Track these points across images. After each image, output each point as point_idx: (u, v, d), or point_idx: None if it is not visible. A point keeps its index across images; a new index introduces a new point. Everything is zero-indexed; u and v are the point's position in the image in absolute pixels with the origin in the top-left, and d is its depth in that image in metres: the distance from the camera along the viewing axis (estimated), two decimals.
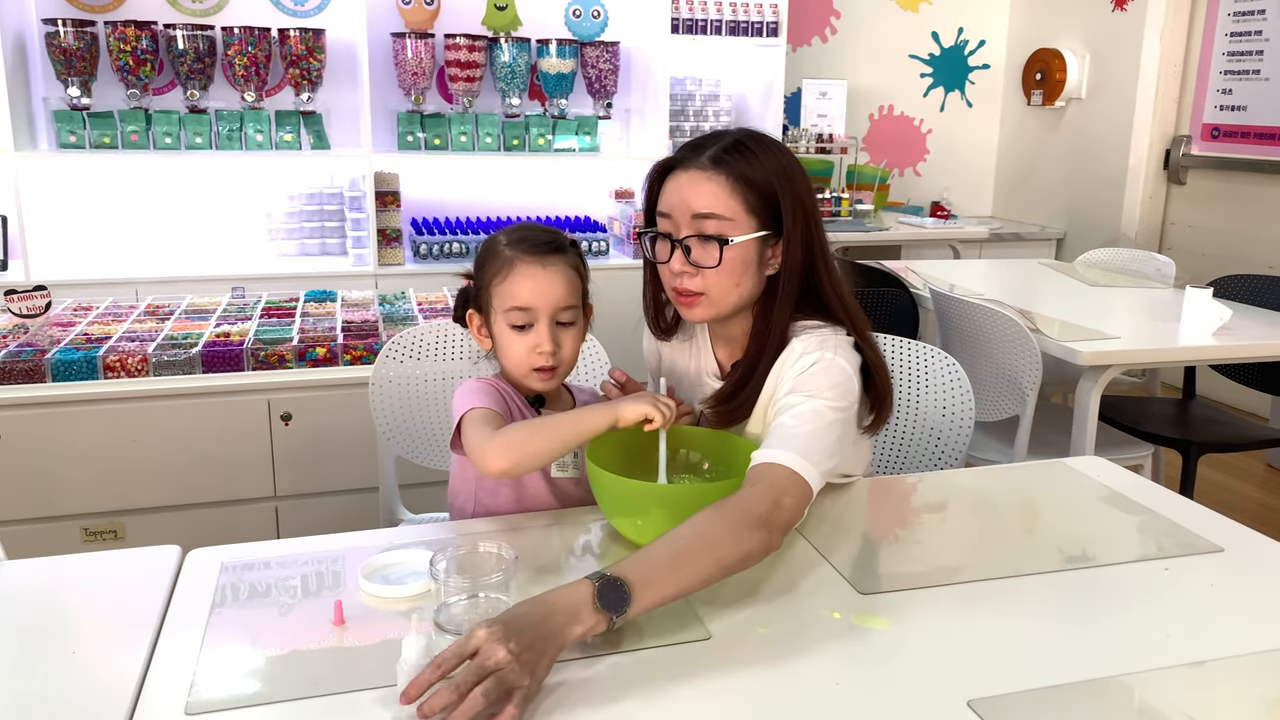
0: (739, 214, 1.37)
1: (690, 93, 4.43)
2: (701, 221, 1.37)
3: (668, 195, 1.41)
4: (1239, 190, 4.38)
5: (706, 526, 1.15)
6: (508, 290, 1.39)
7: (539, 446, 1.29)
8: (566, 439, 1.30)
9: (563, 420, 1.31)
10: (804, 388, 1.34)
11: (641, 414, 1.29)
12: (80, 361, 2.21)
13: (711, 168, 1.37)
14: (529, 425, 1.34)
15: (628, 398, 1.33)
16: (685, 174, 1.39)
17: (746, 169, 1.37)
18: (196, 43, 3.72)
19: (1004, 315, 2.35)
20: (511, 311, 1.39)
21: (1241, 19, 4.31)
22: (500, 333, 1.42)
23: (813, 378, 1.34)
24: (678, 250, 1.39)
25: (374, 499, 2.02)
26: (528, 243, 1.41)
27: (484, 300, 1.43)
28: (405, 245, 4.09)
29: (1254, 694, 1.00)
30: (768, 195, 1.37)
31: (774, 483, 1.23)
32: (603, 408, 1.32)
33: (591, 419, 1.30)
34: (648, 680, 1.01)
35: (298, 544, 1.31)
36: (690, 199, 1.37)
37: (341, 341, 2.37)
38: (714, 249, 1.36)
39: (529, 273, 1.39)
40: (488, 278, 1.42)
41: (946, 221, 4.98)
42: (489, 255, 1.44)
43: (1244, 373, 2.90)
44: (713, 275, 1.38)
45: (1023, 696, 0.98)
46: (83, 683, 0.99)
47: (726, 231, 1.36)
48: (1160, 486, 1.56)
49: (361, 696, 0.97)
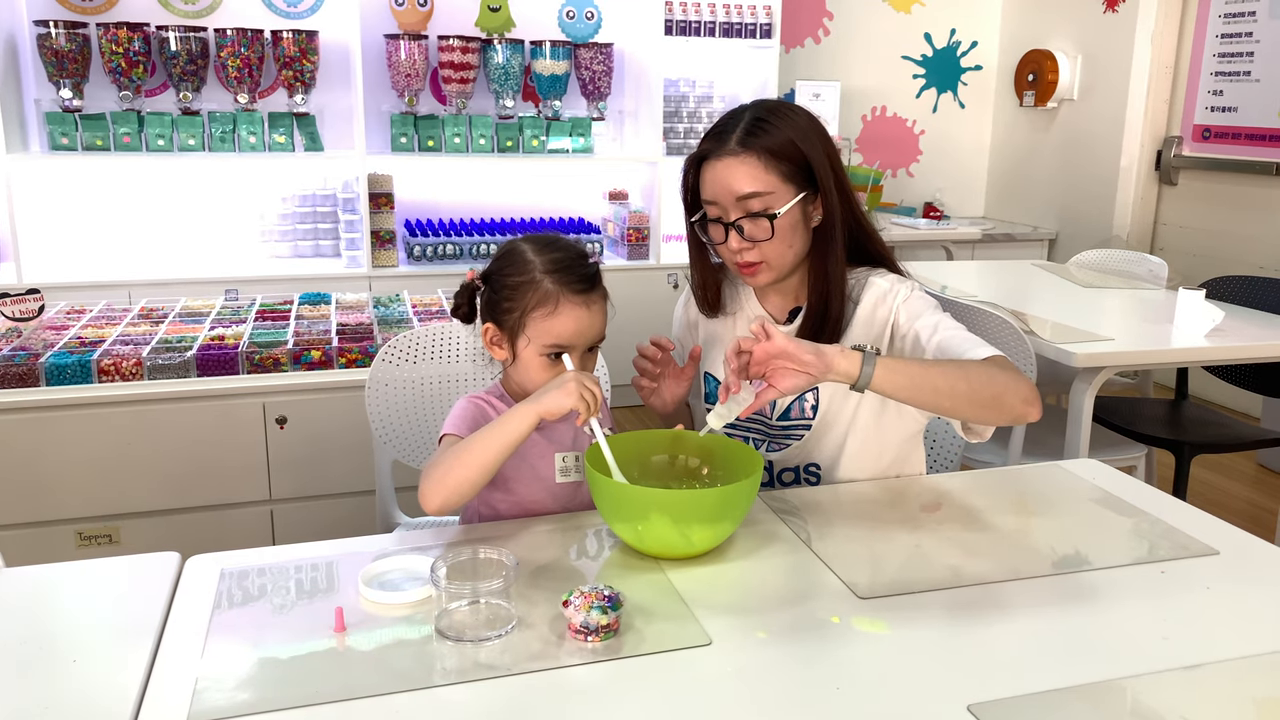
0: (777, 185, 1.46)
1: (684, 94, 4.44)
2: (747, 202, 1.46)
3: (708, 184, 1.49)
4: (1230, 191, 4.41)
5: (965, 363, 1.39)
6: (550, 328, 1.39)
7: (461, 476, 1.28)
8: (490, 457, 1.28)
9: (483, 438, 1.29)
10: (923, 314, 1.50)
11: (563, 406, 1.28)
12: (74, 365, 2.20)
13: (742, 151, 1.45)
14: (451, 455, 1.30)
15: (549, 389, 1.30)
16: (719, 162, 1.47)
17: (772, 143, 1.45)
18: (189, 44, 3.71)
19: (997, 317, 2.36)
20: (550, 346, 1.40)
21: (1232, 20, 4.33)
22: (528, 358, 1.42)
23: (921, 305, 1.51)
24: (731, 231, 1.47)
25: (370, 502, 2.02)
26: (569, 274, 1.39)
27: (514, 323, 1.41)
28: (399, 247, 4.09)
29: (1250, 696, 1.01)
30: (797, 160, 1.46)
31: (1006, 365, 1.40)
32: (523, 407, 1.29)
33: (514, 425, 1.29)
34: (649, 686, 1.01)
35: (297, 550, 1.31)
36: (731, 183, 1.46)
37: (336, 345, 2.37)
38: (764, 223, 1.46)
39: (574, 314, 1.39)
40: (524, 305, 1.39)
41: (939, 222, 4.99)
42: (525, 282, 1.40)
43: (1236, 374, 2.91)
44: (767, 244, 1.47)
45: (1022, 700, 0.98)
46: (84, 692, 0.99)
47: (771, 205, 1.46)
48: (1155, 489, 1.56)
49: (363, 704, 0.97)
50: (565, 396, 1.29)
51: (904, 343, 1.52)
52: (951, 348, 1.45)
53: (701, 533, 1.25)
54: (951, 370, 1.36)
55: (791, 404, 1.57)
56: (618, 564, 1.27)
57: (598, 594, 1.08)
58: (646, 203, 4.43)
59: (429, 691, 0.99)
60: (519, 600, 1.14)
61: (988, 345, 1.43)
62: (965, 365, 1.38)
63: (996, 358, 1.40)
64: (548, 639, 1.08)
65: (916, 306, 1.51)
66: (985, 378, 1.36)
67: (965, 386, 1.34)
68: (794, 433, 1.58)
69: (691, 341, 1.70)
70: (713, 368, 1.65)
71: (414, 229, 4.17)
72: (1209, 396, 4.21)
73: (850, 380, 1.32)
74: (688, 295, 1.71)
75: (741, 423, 1.61)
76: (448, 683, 1.00)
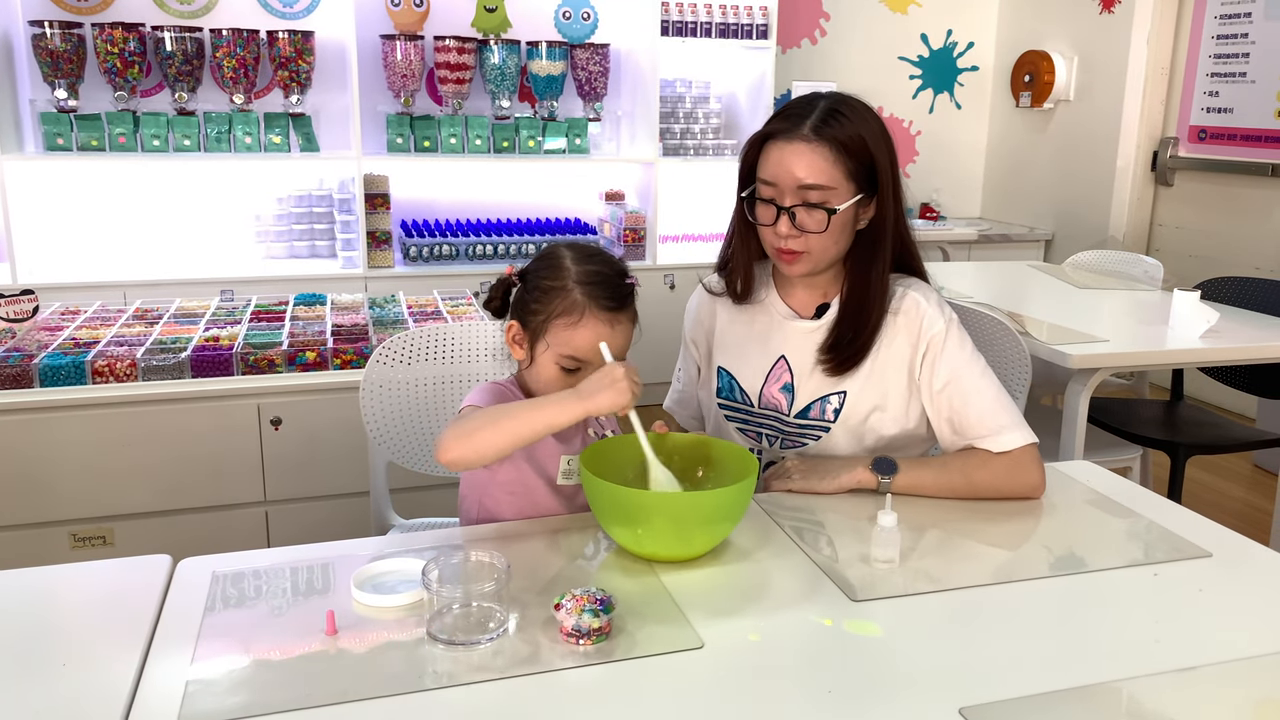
0: (840, 182, 1.45)
1: (680, 95, 4.44)
2: (807, 191, 1.44)
3: (770, 164, 1.47)
4: (1225, 192, 4.41)
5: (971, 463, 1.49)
6: (571, 338, 1.37)
7: (488, 438, 1.25)
8: (523, 432, 1.26)
9: (522, 411, 1.27)
10: (958, 372, 1.51)
11: (616, 405, 1.25)
12: (68, 366, 2.20)
13: (815, 138, 1.44)
14: (484, 416, 1.28)
15: (599, 387, 1.26)
16: (788, 144, 1.45)
17: (845, 138, 1.44)
18: (184, 45, 3.71)
19: (993, 319, 2.35)
20: (568, 358, 1.38)
21: (1228, 22, 4.33)
22: (544, 363, 1.40)
23: (956, 359, 1.51)
24: (783, 215, 1.46)
25: (365, 504, 2.01)
26: (601, 289, 1.37)
27: (537, 325, 1.39)
28: (395, 248, 4.08)
29: (1242, 699, 1.01)
30: (864, 159, 1.46)
31: (1020, 460, 1.48)
32: (570, 398, 1.26)
33: (558, 411, 1.25)
34: (640, 689, 1.01)
35: (289, 553, 1.31)
36: (795, 169, 1.44)
37: (331, 346, 2.36)
38: (820, 216, 1.45)
39: (597, 330, 1.36)
40: (550, 311, 1.38)
41: (936, 223, 5.00)
42: (556, 288, 1.38)
43: (1231, 375, 2.92)
44: (815, 237, 1.46)
45: (1014, 703, 0.98)
46: (74, 695, 0.99)
47: (831, 201, 1.44)
48: (1149, 491, 1.56)
49: (355, 707, 0.97)
50: (619, 396, 1.25)
51: (932, 399, 1.53)
52: (970, 428, 1.51)
53: (701, 535, 1.25)
54: (957, 479, 1.49)
55: (812, 404, 1.56)
56: (610, 566, 1.27)
57: (590, 597, 1.08)
58: (643, 203, 4.43)
59: (420, 695, 0.99)
60: (511, 603, 1.14)
61: (1016, 425, 1.50)
62: (969, 470, 1.49)
63: (1012, 454, 1.48)
64: (539, 642, 1.08)
65: (952, 360, 1.51)
66: (988, 481, 1.48)
67: (966, 488, 1.49)
68: (811, 433, 1.57)
69: (704, 335, 1.68)
70: (726, 362, 1.64)
71: (410, 230, 4.16)
72: (1204, 397, 4.21)
73: (871, 485, 1.48)
74: (701, 292, 1.69)
75: (756, 417, 1.61)
76: (439, 686, 1.00)
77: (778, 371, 1.58)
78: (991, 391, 1.51)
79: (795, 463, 1.52)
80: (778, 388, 1.59)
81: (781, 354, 1.58)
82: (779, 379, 1.58)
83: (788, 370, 1.58)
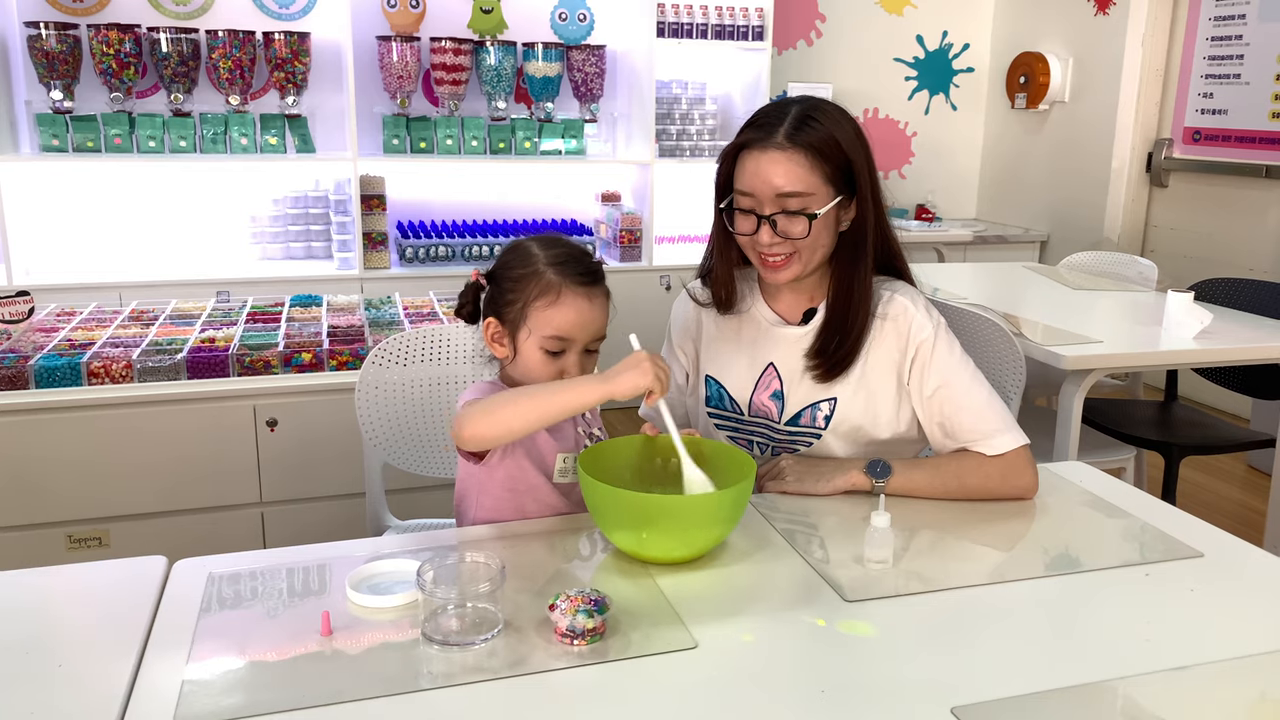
0: (818, 187, 1.44)
1: (676, 96, 4.44)
2: (786, 199, 1.44)
3: (747, 175, 1.46)
4: (1220, 193, 4.42)
5: (964, 465, 1.49)
6: (552, 318, 1.37)
7: (507, 417, 1.27)
8: (543, 412, 1.27)
9: (544, 393, 1.28)
10: (948, 377, 1.51)
11: (638, 387, 1.25)
12: (64, 368, 2.20)
13: (790, 145, 1.43)
14: (505, 396, 1.30)
15: (622, 369, 1.27)
16: (764, 154, 1.44)
17: (820, 142, 1.44)
18: (180, 46, 3.71)
19: (988, 320, 2.36)
20: (551, 339, 1.38)
21: (1222, 23, 4.35)
22: (528, 351, 1.40)
23: (945, 364, 1.51)
24: (764, 224, 1.45)
25: (360, 505, 2.01)
26: (572, 267, 1.38)
27: (513, 314, 1.40)
28: (391, 249, 4.09)
29: (1234, 698, 1.01)
30: (840, 163, 1.45)
31: (1013, 463, 1.49)
32: (594, 381, 1.27)
33: (580, 392, 1.27)
34: (634, 689, 1.01)
35: (284, 554, 1.31)
36: (772, 178, 1.43)
37: (327, 347, 2.37)
38: (801, 222, 1.45)
39: (576, 305, 1.37)
40: (527, 295, 1.38)
41: (931, 224, 5.01)
42: (528, 273, 1.39)
43: (1225, 375, 2.92)
44: (799, 242, 1.46)
45: (1006, 703, 0.99)
46: (69, 697, 0.99)
47: (810, 206, 1.44)
48: (1142, 492, 1.57)
49: (349, 708, 0.97)
50: (641, 376, 1.25)
51: (923, 404, 1.54)
52: (962, 433, 1.51)
53: (702, 536, 1.25)
54: (950, 481, 1.49)
55: (803, 411, 1.56)
56: (605, 567, 1.27)
57: (584, 597, 1.08)
58: (639, 204, 4.44)
59: (415, 695, 0.99)
60: (505, 604, 1.14)
61: (1008, 427, 1.50)
62: (963, 473, 1.49)
63: (1005, 456, 1.49)
64: (534, 643, 1.08)
65: (942, 365, 1.52)
66: (982, 483, 1.49)
67: (960, 490, 1.49)
68: (802, 440, 1.57)
69: (691, 343, 1.67)
70: (715, 371, 1.63)
71: (406, 231, 4.16)
72: (1198, 398, 4.22)
73: (865, 488, 1.49)
74: (686, 296, 1.68)
75: (746, 426, 1.61)
76: (434, 686, 1.01)
77: (767, 379, 1.58)
78: (982, 395, 1.52)
79: (790, 464, 1.52)
80: (767, 395, 1.58)
81: (770, 361, 1.58)
82: (768, 386, 1.58)
83: (777, 377, 1.57)
